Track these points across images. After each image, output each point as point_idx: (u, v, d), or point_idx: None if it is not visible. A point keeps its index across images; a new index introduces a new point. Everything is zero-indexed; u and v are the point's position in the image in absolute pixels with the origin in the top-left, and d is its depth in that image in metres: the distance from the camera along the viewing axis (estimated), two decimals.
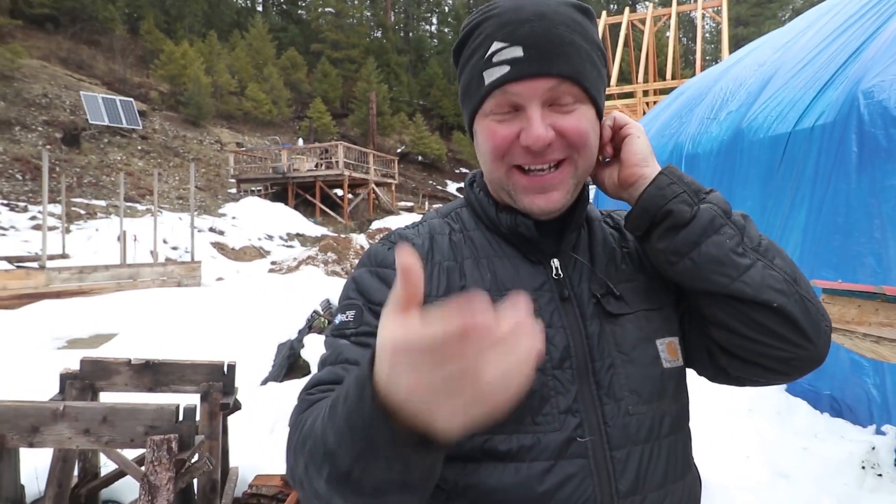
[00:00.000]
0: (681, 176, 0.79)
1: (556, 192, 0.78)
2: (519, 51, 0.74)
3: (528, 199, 0.79)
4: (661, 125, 7.17)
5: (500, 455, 0.72)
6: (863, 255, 3.44)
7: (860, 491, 2.83)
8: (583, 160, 0.79)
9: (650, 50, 20.82)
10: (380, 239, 0.89)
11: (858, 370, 3.36)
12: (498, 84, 0.75)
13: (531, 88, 0.75)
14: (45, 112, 19.69)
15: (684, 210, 0.76)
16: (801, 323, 0.76)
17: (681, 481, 0.77)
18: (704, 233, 0.75)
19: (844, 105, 3.77)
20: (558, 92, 0.75)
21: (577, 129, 0.77)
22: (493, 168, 0.80)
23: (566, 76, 0.75)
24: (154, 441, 2.14)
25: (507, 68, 0.75)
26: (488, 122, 0.79)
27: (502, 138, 0.77)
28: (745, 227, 0.78)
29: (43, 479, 2.85)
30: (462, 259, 0.82)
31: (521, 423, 0.72)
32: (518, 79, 0.74)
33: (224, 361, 3.02)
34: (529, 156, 0.77)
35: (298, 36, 36.69)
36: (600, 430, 0.73)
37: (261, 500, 2.93)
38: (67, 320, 7.43)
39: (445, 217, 0.90)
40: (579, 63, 0.76)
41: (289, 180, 21.16)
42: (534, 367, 0.68)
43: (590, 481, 0.71)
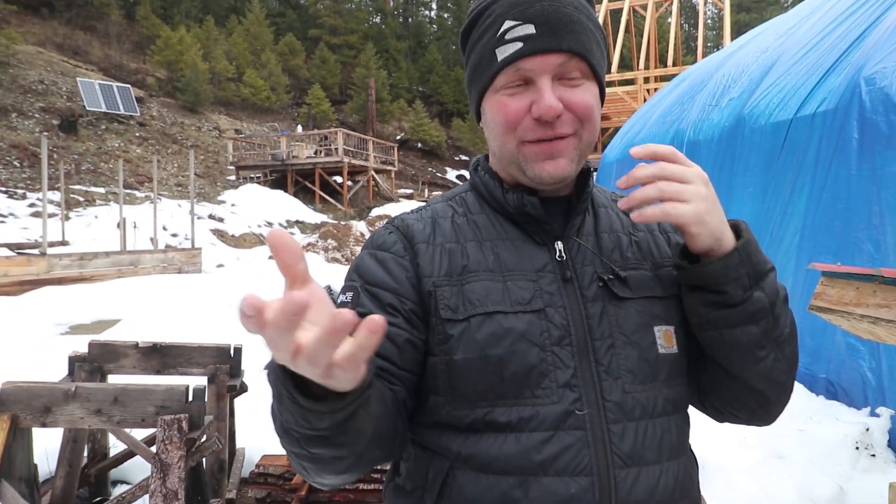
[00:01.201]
0: (751, 253, 0.75)
1: (562, 158, 0.81)
2: (531, 28, 0.77)
3: (539, 167, 0.81)
4: (663, 112, 7.16)
5: (500, 426, 0.75)
6: (861, 241, 3.48)
7: (854, 471, 2.90)
8: (587, 133, 0.82)
9: (651, 36, 20.69)
10: (383, 224, 0.92)
11: (854, 353, 3.41)
12: (511, 60, 0.78)
13: (543, 63, 0.78)
14: (41, 99, 19.58)
15: (737, 294, 0.75)
16: (774, 408, 0.86)
17: (676, 460, 0.80)
18: (744, 321, 0.76)
19: (846, 92, 3.79)
20: (567, 67, 0.79)
21: (584, 103, 0.80)
22: (504, 141, 0.83)
23: (575, 52, 0.78)
24: (165, 421, 2.18)
25: (519, 44, 0.78)
26: (499, 97, 0.81)
27: (514, 111, 0.80)
28: (780, 317, 0.78)
29: (54, 459, 2.90)
30: (465, 241, 0.84)
31: (521, 396, 0.75)
32: (531, 54, 0.78)
33: (230, 344, 3.06)
34: (540, 128, 0.79)
35: (296, 21, 36.37)
36: (598, 405, 0.76)
37: (268, 479, 2.98)
38: (69, 306, 7.47)
39: (449, 201, 0.92)
40: (587, 41, 0.80)
41: (288, 167, 21.12)
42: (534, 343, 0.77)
43: (586, 451, 0.74)
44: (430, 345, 0.80)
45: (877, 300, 1.66)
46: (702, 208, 0.72)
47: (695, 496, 0.84)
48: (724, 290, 0.75)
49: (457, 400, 0.77)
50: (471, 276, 0.80)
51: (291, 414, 0.60)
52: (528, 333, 0.76)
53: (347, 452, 0.66)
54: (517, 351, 0.76)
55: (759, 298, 0.75)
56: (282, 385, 0.58)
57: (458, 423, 0.77)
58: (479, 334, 0.76)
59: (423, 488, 0.79)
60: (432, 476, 0.78)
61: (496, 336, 0.76)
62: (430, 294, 0.80)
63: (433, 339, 0.79)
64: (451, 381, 0.77)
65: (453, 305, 0.78)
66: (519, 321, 0.77)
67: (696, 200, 0.72)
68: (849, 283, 1.75)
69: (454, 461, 0.77)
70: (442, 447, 0.78)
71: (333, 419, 0.60)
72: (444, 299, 0.79)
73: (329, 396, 0.58)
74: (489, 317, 0.77)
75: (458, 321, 0.78)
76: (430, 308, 0.79)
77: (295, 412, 0.59)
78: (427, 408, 0.80)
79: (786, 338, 0.79)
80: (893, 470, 2.93)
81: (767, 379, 0.81)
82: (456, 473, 0.77)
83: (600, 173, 8.77)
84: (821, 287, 1.86)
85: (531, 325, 0.77)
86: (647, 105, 8.40)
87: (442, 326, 0.78)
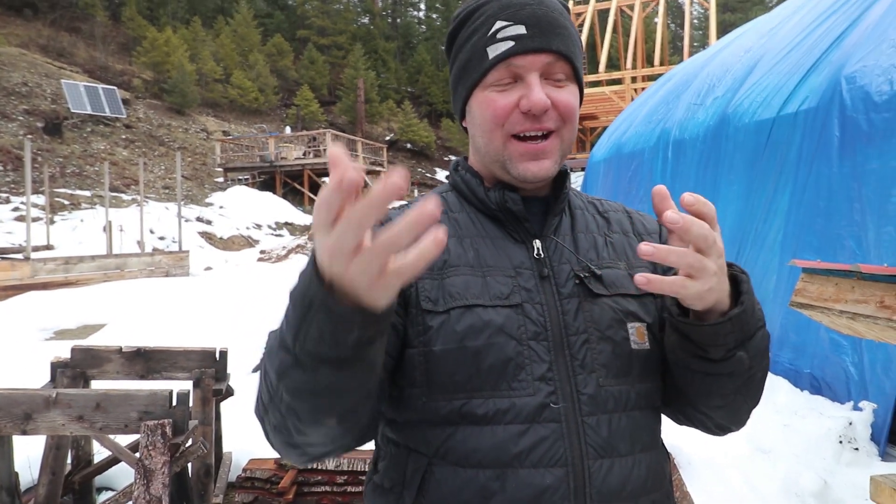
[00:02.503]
0: (744, 321, 0.73)
1: (546, 160, 0.84)
2: (522, 28, 0.82)
3: (523, 166, 0.84)
4: (649, 111, 7.21)
5: (476, 418, 0.77)
6: (843, 237, 3.52)
7: (838, 465, 2.93)
8: (567, 133, 0.86)
9: (639, 36, 20.81)
10: None
11: (837, 349, 3.45)
12: (504, 56, 0.82)
13: (533, 61, 0.82)
14: (25, 101, 19.34)
15: (719, 354, 0.74)
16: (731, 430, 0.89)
17: (648, 453, 0.82)
18: (720, 373, 0.77)
19: (827, 90, 3.83)
20: (555, 67, 0.83)
21: (568, 103, 0.84)
22: (490, 138, 0.86)
23: (563, 53, 0.83)
24: (148, 426, 2.16)
25: (511, 43, 0.82)
26: (488, 93, 0.85)
27: (503, 106, 0.83)
28: (756, 372, 0.78)
29: (36, 467, 2.86)
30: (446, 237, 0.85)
31: (498, 388, 0.77)
32: (523, 52, 0.82)
33: (216, 348, 3.04)
34: (528, 121, 0.83)
35: (284, 22, 36.20)
36: (573, 398, 0.78)
37: (255, 484, 2.96)
38: (54, 311, 7.38)
39: None
40: (572, 45, 0.85)
41: (276, 169, 21.01)
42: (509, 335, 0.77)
43: (561, 443, 0.76)
44: (408, 336, 0.81)
45: (855, 296, 1.67)
46: (705, 288, 0.68)
47: (667, 489, 0.86)
48: (707, 350, 0.75)
49: (434, 391, 0.78)
50: (451, 271, 0.82)
51: (318, 327, 0.57)
52: (506, 327, 0.78)
53: (356, 385, 0.64)
54: (495, 343, 0.77)
55: (741, 359, 0.75)
56: (317, 290, 0.56)
57: (435, 416, 0.78)
58: (459, 326, 0.78)
59: (402, 485, 0.80)
60: (410, 473, 0.79)
61: (475, 328, 0.78)
62: (412, 285, 0.81)
63: (412, 331, 0.80)
64: (428, 372, 0.79)
65: (434, 297, 0.80)
66: (497, 315, 0.79)
67: (705, 278, 0.67)
68: (828, 279, 1.77)
69: (432, 457, 0.78)
70: (419, 443, 0.79)
71: (362, 334, 0.58)
72: (425, 291, 0.81)
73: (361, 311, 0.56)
74: (469, 309, 0.79)
75: (438, 313, 0.79)
76: (411, 299, 0.81)
77: (324, 323, 0.57)
78: (403, 402, 0.81)
79: (756, 383, 0.81)
80: (876, 463, 2.97)
81: (727, 414, 0.85)
82: (434, 469, 0.78)
83: (588, 172, 8.80)
84: (801, 283, 1.87)
85: (509, 319, 0.79)
86: (634, 104, 8.45)
87: (422, 317, 0.80)
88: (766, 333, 0.78)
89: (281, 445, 0.74)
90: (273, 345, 0.66)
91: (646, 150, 6.78)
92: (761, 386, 0.83)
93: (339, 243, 0.51)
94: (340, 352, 0.59)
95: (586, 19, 20.75)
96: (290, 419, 0.68)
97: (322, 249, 0.54)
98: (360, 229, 0.50)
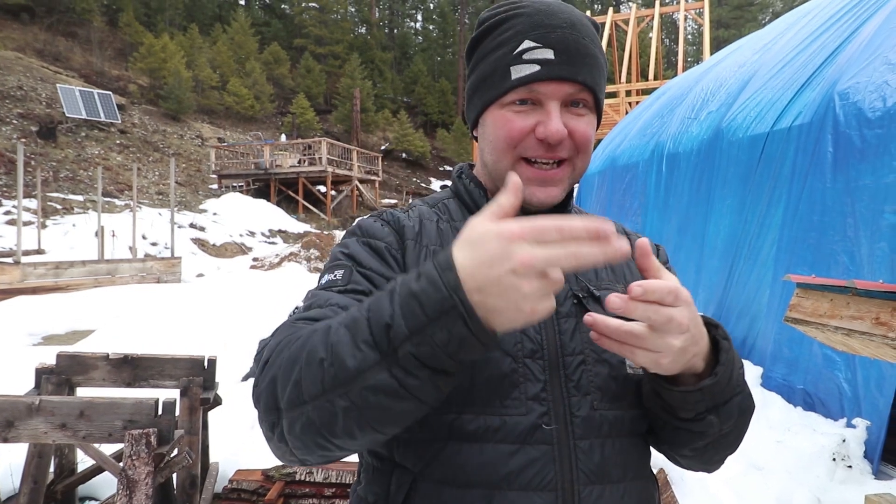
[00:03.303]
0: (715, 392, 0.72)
1: (555, 188, 0.83)
2: (550, 53, 0.79)
3: (529, 191, 0.82)
4: (644, 124, 7.25)
5: (466, 435, 0.74)
6: (837, 252, 3.52)
7: (831, 482, 2.91)
8: (580, 162, 0.85)
9: (633, 50, 21.00)
10: (369, 215, 0.92)
11: (831, 365, 3.44)
12: (527, 81, 0.80)
13: (557, 90, 0.80)
14: (20, 105, 19.26)
15: (689, 414, 0.74)
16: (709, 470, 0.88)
17: (639, 480, 0.80)
18: (688, 431, 0.77)
19: (821, 106, 3.86)
20: (577, 98, 0.81)
21: (585, 134, 0.82)
22: (501, 157, 0.84)
23: (588, 85, 0.81)
24: (133, 435, 2.11)
25: (537, 67, 0.79)
26: (505, 112, 0.82)
27: (519, 129, 0.81)
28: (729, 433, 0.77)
29: (18, 475, 2.80)
30: (448, 245, 0.84)
31: (490, 404, 0.75)
32: (547, 79, 0.79)
33: (204, 356, 3.00)
34: (542, 148, 0.81)
35: (282, 31, 36.34)
36: (566, 420, 0.76)
37: (241, 495, 2.91)
38: (43, 316, 7.29)
39: (433, 207, 0.92)
40: (598, 75, 0.83)
41: (271, 176, 20.97)
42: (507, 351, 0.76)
43: (552, 466, 0.73)
44: None
45: (850, 312, 1.66)
46: (662, 361, 0.65)
47: None
48: (675, 410, 0.74)
49: None
50: None
51: (446, 336, 0.57)
52: (503, 343, 0.76)
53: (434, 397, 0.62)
54: (490, 358, 0.75)
55: (711, 422, 0.74)
56: (462, 301, 0.56)
57: (424, 429, 0.75)
58: None
59: (386, 500, 0.78)
60: (395, 488, 0.77)
61: None
62: None
63: None
64: None
65: None
66: None
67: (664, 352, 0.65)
68: (823, 294, 1.76)
69: (418, 473, 0.76)
70: (406, 457, 0.77)
71: (479, 354, 0.60)
72: None
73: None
74: None
75: None
76: None
77: (453, 338, 0.57)
78: None
79: (730, 441, 0.80)
80: (869, 481, 2.95)
81: (697, 462, 0.84)
82: (419, 486, 0.75)
83: (582, 185, 8.83)
84: (796, 299, 1.86)
85: (506, 335, 0.76)
86: (629, 118, 8.49)
87: None
88: (744, 399, 0.77)
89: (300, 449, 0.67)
90: (337, 341, 0.61)
91: (640, 163, 6.81)
92: (737, 442, 0.81)
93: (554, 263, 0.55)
94: (450, 365, 0.59)
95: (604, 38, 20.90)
96: (334, 425, 0.62)
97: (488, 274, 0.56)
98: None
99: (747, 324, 4.26)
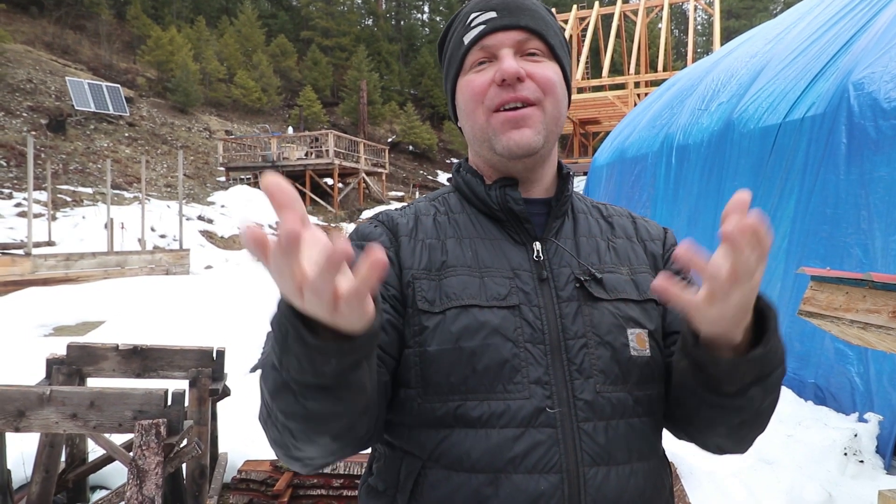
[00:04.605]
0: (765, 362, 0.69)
1: (528, 128, 0.84)
2: (492, 13, 0.87)
3: (506, 136, 0.84)
4: (653, 116, 7.19)
5: (471, 421, 0.75)
6: (850, 245, 3.48)
7: (842, 477, 2.88)
8: (550, 105, 0.86)
9: (642, 41, 20.81)
10: (368, 218, 0.93)
11: (843, 359, 3.41)
12: (476, 39, 0.86)
13: (503, 38, 0.85)
14: (29, 98, 19.36)
15: (734, 386, 0.71)
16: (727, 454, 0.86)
17: (646, 462, 0.80)
18: (727, 407, 0.74)
19: (835, 96, 3.80)
20: (528, 44, 0.86)
21: (545, 75, 0.85)
22: (474, 118, 0.87)
23: (532, 29, 0.86)
24: (143, 425, 2.12)
25: (482, 27, 0.86)
26: (467, 77, 0.88)
27: (480, 83, 0.86)
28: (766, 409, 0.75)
29: (30, 464, 2.83)
30: (445, 237, 0.86)
31: (493, 390, 0.76)
32: (492, 31, 0.85)
33: (213, 347, 3.01)
34: (504, 92, 0.84)
35: (288, 23, 36.26)
36: (569, 403, 0.76)
37: (250, 486, 2.92)
38: (54, 307, 7.36)
39: (433, 201, 0.94)
40: (543, 24, 0.87)
41: (278, 169, 21.00)
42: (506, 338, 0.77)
43: (556, 449, 0.74)
44: (405, 336, 0.80)
45: (867, 305, 1.63)
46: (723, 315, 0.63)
47: (666, 499, 0.84)
48: (720, 384, 0.71)
49: (428, 392, 0.78)
50: (449, 272, 0.82)
51: (296, 358, 0.58)
52: (502, 328, 0.77)
53: (344, 409, 0.64)
54: (490, 344, 0.76)
55: (754, 395, 0.72)
56: (289, 322, 0.56)
57: (429, 418, 0.77)
58: (454, 326, 0.77)
59: (396, 488, 0.79)
60: (404, 476, 0.79)
61: (470, 329, 0.77)
62: (409, 285, 0.81)
63: (409, 331, 0.80)
64: (423, 372, 0.78)
65: (430, 298, 0.80)
66: (494, 315, 0.78)
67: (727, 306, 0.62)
68: (838, 287, 1.73)
69: (426, 460, 0.77)
70: (413, 445, 0.79)
71: (340, 363, 0.58)
72: (422, 291, 0.80)
73: (338, 339, 0.57)
74: (465, 310, 0.78)
75: (434, 313, 0.79)
76: (409, 300, 0.81)
77: (300, 354, 0.57)
78: (398, 403, 0.80)
79: (765, 416, 0.77)
80: (881, 476, 2.93)
81: (730, 442, 0.81)
82: (427, 472, 0.77)
83: (590, 176, 8.78)
84: (810, 292, 1.83)
85: (505, 320, 0.78)
86: (637, 109, 8.42)
87: (418, 318, 0.79)
88: (783, 370, 0.74)
89: (283, 457, 0.74)
90: (267, 363, 0.65)
91: (649, 155, 6.75)
92: (769, 417, 0.79)
93: (280, 279, 0.52)
94: (322, 380, 0.59)
95: (590, 24, 20.75)
96: (286, 436, 0.68)
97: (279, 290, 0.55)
98: (289, 264, 0.51)
99: None
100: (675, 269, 0.88)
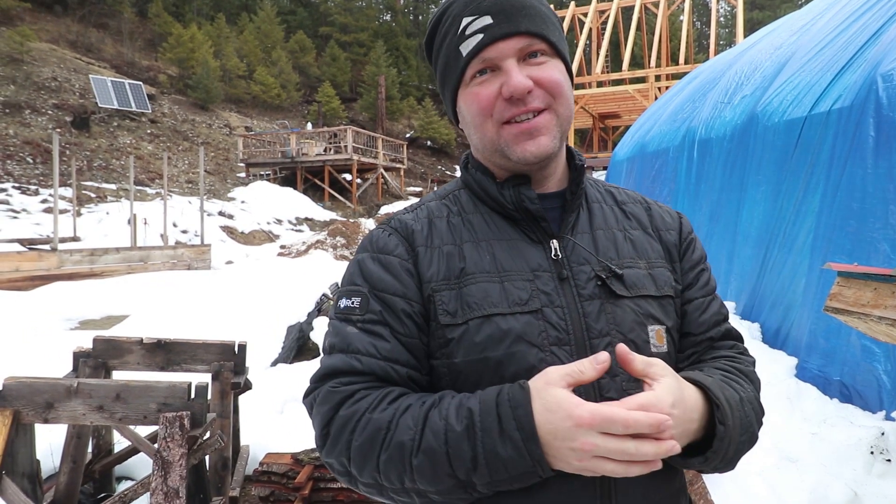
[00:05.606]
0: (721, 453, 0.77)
1: (542, 136, 0.83)
2: (488, 19, 0.82)
3: (521, 148, 0.83)
4: (674, 109, 7.09)
5: None
6: (877, 240, 3.40)
7: (869, 476, 2.83)
8: (561, 108, 0.84)
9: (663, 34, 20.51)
10: (380, 224, 0.92)
11: (869, 356, 3.34)
12: (475, 51, 0.82)
13: (505, 48, 0.82)
14: (54, 95, 19.74)
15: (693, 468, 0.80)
16: None
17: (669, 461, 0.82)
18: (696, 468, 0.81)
19: (862, 89, 3.71)
20: (531, 48, 0.82)
21: (552, 78, 0.83)
22: (483, 130, 0.85)
23: (533, 32, 0.82)
24: (167, 418, 2.16)
25: (480, 36, 0.82)
26: (471, 90, 0.84)
27: (486, 97, 0.83)
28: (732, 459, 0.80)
29: (58, 455, 2.90)
30: (461, 242, 0.85)
31: None
32: (492, 42, 0.81)
33: (235, 341, 3.05)
34: (513, 106, 0.82)
35: (307, 19, 36.42)
36: (596, 402, 0.76)
37: (271, 478, 2.96)
38: (79, 302, 7.51)
39: (443, 199, 0.92)
40: (542, 22, 0.84)
41: (298, 164, 21.15)
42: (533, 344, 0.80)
43: None
44: (430, 349, 0.81)
45: (895, 302, 1.60)
46: None
47: (679, 488, 0.87)
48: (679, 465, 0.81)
49: None
50: (469, 279, 0.81)
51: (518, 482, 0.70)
52: (527, 334, 0.78)
53: None
54: (516, 352, 0.77)
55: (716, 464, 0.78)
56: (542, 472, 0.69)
57: None
58: (478, 337, 0.78)
59: None
60: None
61: (494, 338, 0.78)
62: (430, 299, 0.81)
63: (434, 343, 0.81)
64: (454, 383, 0.79)
65: (452, 310, 0.80)
66: (517, 322, 0.78)
67: None
68: (866, 283, 1.70)
69: None
70: None
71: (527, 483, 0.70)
72: (443, 304, 0.80)
73: None
74: (487, 319, 0.78)
75: (456, 325, 0.79)
76: (431, 313, 0.81)
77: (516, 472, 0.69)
78: None
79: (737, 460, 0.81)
80: None
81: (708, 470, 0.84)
82: None
83: (610, 171, 8.70)
84: (837, 288, 1.80)
85: (529, 325, 0.78)
86: (659, 102, 8.31)
87: (441, 331, 0.80)
88: (752, 439, 0.80)
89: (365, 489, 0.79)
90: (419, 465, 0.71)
91: (670, 150, 6.66)
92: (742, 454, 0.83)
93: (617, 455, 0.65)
94: (498, 486, 0.71)
95: (610, 17, 20.50)
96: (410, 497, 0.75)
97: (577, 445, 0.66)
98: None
99: (781, 313, 4.15)
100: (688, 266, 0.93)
